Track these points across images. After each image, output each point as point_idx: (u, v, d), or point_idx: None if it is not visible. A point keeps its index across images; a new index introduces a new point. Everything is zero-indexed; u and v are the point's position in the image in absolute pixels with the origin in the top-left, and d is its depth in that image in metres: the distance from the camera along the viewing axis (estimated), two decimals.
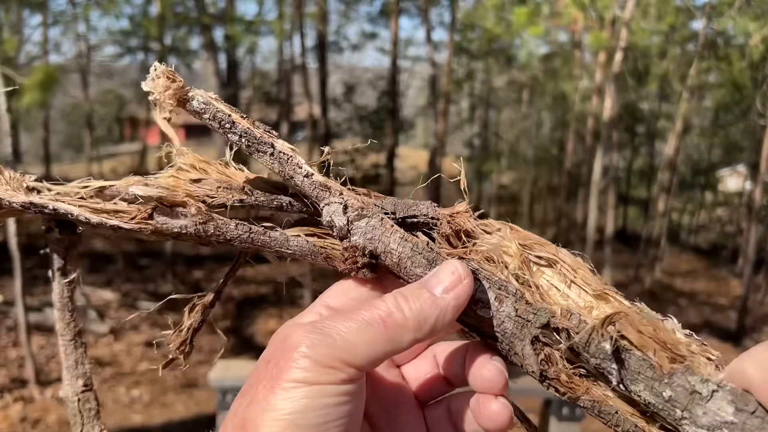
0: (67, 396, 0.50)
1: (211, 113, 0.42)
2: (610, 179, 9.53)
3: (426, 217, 0.42)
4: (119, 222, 0.43)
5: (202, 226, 0.42)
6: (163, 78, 0.41)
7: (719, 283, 11.90)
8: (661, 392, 0.32)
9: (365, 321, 0.36)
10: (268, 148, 0.42)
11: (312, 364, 0.35)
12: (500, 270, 0.39)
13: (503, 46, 11.08)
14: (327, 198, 0.41)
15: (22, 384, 5.11)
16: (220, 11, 11.58)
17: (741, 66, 8.28)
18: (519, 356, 0.38)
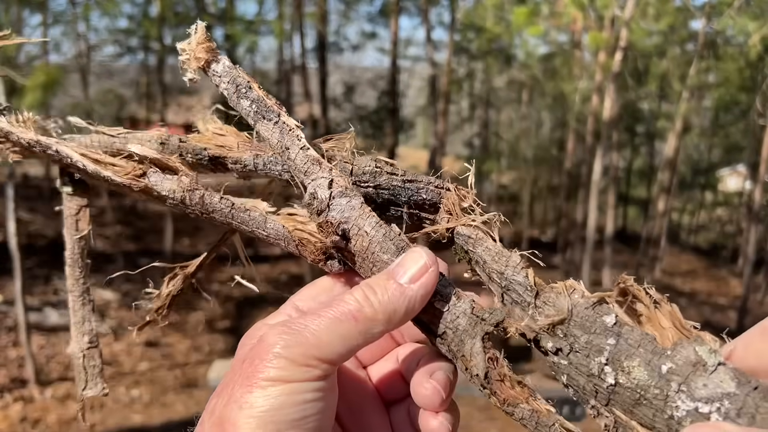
0: (74, 352, 0.52)
1: (232, 77, 0.44)
2: (610, 179, 9.54)
3: (430, 185, 0.43)
4: (112, 174, 0.45)
5: (189, 194, 0.44)
6: (202, 34, 0.44)
7: (719, 283, 11.90)
8: (659, 365, 0.32)
9: (336, 317, 0.37)
10: (275, 117, 0.43)
11: (287, 362, 0.35)
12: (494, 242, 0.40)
13: (503, 45, 11.08)
14: (316, 173, 0.42)
15: (22, 384, 5.11)
16: (220, 11, 11.58)
17: (740, 65, 8.28)
18: (465, 358, 0.37)
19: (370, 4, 15.03)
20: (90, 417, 4.79)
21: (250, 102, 0.44)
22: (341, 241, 0.40)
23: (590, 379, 0.34)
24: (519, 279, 0.38)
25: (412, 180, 0.43)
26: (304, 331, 0.36)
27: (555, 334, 0.35)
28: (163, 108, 9.14)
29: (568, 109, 11.12)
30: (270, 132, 0.44)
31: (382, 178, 0.44)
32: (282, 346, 0.36)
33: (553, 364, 0.36)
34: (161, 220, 9.01)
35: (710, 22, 8.06)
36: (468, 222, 0.41)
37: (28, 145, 0.46)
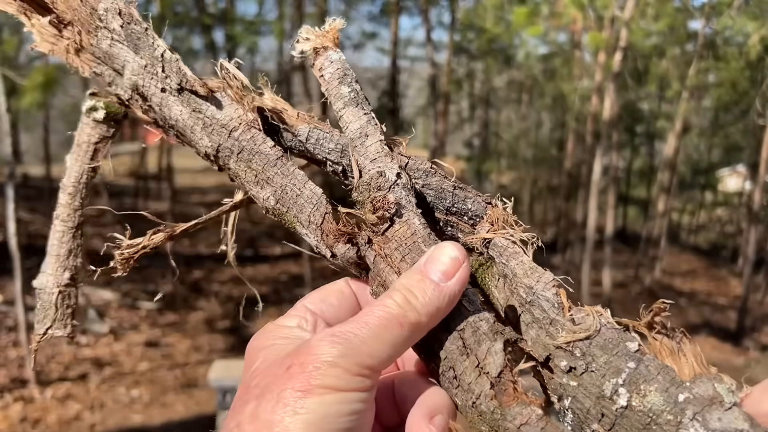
0: (45, 286, 0.49)
1: (343, 64, 0.46)
2: (610, 179, 9.54)
3: (480, 198, 0.44)
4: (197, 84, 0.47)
5: (244, 126, 0.46)
6: (339, 26, 0.47)
7: (719, 283, 11.90)
8: (677, 394, 0.32)
9: (382, 324, 0.37)
10: (368, 108, 0.45)
11: (343, 371, 0.35)
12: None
13: (503, 46, 11.09)
14: (386, 162, 0.43)
15: (22, 384, 5.11)
16: (220, 11, 11.59)
17: (740, 65, 8.29)
18: (480, 356, 0.37)
19: (371, 4, 15.04)
20: (90, 417, 4.79)
21: (351, 89, 0.45)
22: (389, 219, 0.41)
23: (599, 401, 0.34)
24: (548, 295, 0.38)
25: (462, 188, 0.44)
26: (355, 340, 0.36)
27: (572, 353, 0.36)
28: None
29: (567, 109, 11.13)
30: (357, 117, 0.45)
31: (434, 179, 0.45)
32: (336, 356, 0.35)
33: (559, 386, 0.36)
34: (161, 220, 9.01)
35: (710, 22, 8.06)
36: (507, 235, 0.41)
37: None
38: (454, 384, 0.38)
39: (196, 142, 0.46)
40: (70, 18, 0.49)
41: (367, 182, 0.42)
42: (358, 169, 0.44)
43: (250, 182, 0.45)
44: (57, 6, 0.49)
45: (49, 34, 0.49)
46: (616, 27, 6.95)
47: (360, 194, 0.42)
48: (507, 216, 0.43)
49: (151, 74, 0.46)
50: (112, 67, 0.48)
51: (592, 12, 6.83)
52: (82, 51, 0.49)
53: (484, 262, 0.42)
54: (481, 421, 0.37)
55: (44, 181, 11.26)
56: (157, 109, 0.47)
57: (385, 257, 0.41)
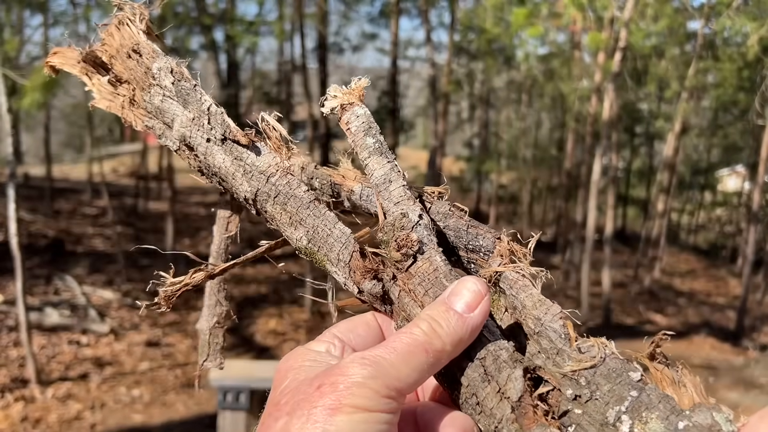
0: (202, 328, 0.58)
1: (368, 118, 0.50)
2: (610, 179, 9.55)
3: (489, 234, 0.47)
4: (234, 129, 0.52)
5: (281, 172, 0.49)
6: (364, 85, 0.52)
7: (718, 283, 11.91)
8: (677, 422, 0.33)
9: (408, 350, 0.39)
10: (391, 157, 0.50)
11: (372, 392, 0.37)
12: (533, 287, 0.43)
13: (502, 46, 11.09)
14: (409, 205, 0.47)
15: (23, 384, 5.12)
16: (220, 12, 11.59)
17: (739, 65, 8.30)
18: (500, 382, 0.39)
19: (371, 5, 15.05)
20: (91, 416, 4.80)
21: (375, 140, 0.49)
22: (412, 256, 0.44)
23: (602, 428, 0.35)
24: (555, 327, 0.40)
25: (474, 226, 0.47)
26: (383, 363, 0.38)
27: (578, 381, 0.37)
28: None
29: (567, 109, 11.14)
30: (381, 166, 0.48)
31: (451, 221, 0.48)
32: (366, 377, 0.37)
33: (563, 413, 0.37)
34: (162, 221, 9.03)
35: (709, 22, 8.07)
36: (517, 269, 0.44)
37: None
38: (477, 410, 0.40)
39: (237, 187, 0.50)
40: (127, 77, 0.54)
41: (391, 223, 0.45)
42: (383, 212, 0.47)
43: (285, 223, 0.49)
44: (115, 66, 0.54)
45: (106, 92, 0.54)
46: (615, 27, 6.96)
47: (385, 234, 0.45)
48: (515, 248, 0.45)
49: (198, 126, 0.50)
50: (162, 121, 0.53)
51: (592, 12, 6.84)
52: (136, 106, 0.54)
53: (493, 294, 0.44)
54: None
55: (45, 181, 11.26)
56: (202, 158, 0.51)
57: (409, 292, 0.44)
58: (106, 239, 9.36)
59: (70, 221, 10.24)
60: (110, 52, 0.54)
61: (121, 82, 0.54)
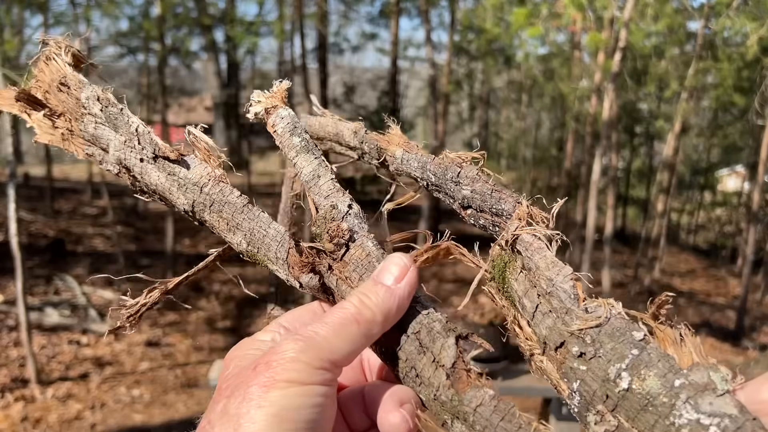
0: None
1: (293, 119, 0.53)
2: (609, 179, 9.55)
3: (503, 211, 0.49)
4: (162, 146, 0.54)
5: (212, 181, 0.51)
6: (285, 88, 0.55)
7: (718, 283, 11.92)
8: (673, 380, 0.34)
9: (340, 322, 0.41)
10: (318, 154, 0.52)
11: (304, 365, 0.38)
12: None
13: (502, 46, 11.10)
14: (338, 197, 0.49)
15: (23, 383, 5.12)
16: (220, 12, 11.60)
17: (738, 65, 8.30)
18: (435, 352, 0.42)
19: (371, 5, 15.05)
20: (91, 416, 4.80)
21: (301, 139, 0.52)
22: (344, 245, 0.46)
23: (604, 384, 0.36)
24: (566, 287, 0.41)
25: (498, 190, 0.49)
26: (316, 337, 0.39)
27: (584, 340, 0.38)
28: (163, 109, 9.15)
29: (567, 109, 11.14)
30: (309, 163, 0.51)
31: (478, 185, 0.50)
32: (298, 351, 0.38)
33: (570, 369, 0.39)
34: (162, 221, 9.03)
35: (708, 22, 8.08)
36: (533, 232, 0.45)
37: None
38: (417, 382, 0.42)
39: (174, 201, 0.52)
40: (61, 109, 0.56)
41: (322, 216, 0.48)
42: (315, 207, 0.49)
43: (223, 230, 0.51)
44: (50, 101, 0.56)
45: (46, 127, 0.56)
46: (615, 27, 6.96)
47: (317, 227, 0.48)
48: (534, 213, 0.47)
49: (130, 148, 0.52)
50: (100, 147, 0.55)
51: (592, 13, 6.84)
52: (74, 136, 0.56)
53: (511, 257, 0.46)
54: (443, 411, 0.41)
55: (45, 181, 11.26)
56: (139, 177, 0.52)
57: (345, 279, 0.46)
58: (106, 239, 9.37)
59: (70, 221, 10.24)
60: (44, 87, 0.56)
61: (57, 115, 0.56)
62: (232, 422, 0.36)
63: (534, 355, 0.41)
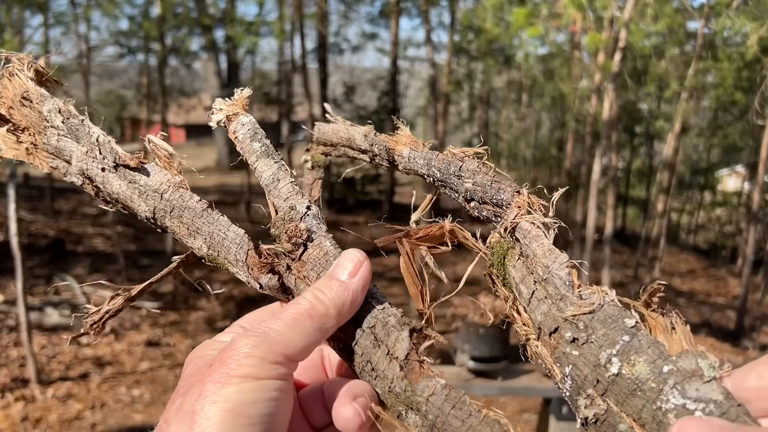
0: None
1: (253, 125, 0.54)
2: (610, 179, 9.55)
3: (503, 201, 0.49)
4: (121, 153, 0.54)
5: (173, 188, 0.52)
6: (246, 95, 0.56)
7: (718, 283, 11.92)
8: (662, 366, 0.35)
9: (294, 317, 0.41)
10: (278, 158, 0.53)
11: (258, 360, 0.38)
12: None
13: (502, 46, 11.10)
14: (297, 199, 0.50)
15: (23, 383, 5.13)
16: (220, 12, 11.60)
17: (738, 65, 8.30)
18: (390, 344, 0.43)
19: (371, 5, 15.06)
20: (91, 416, 4.80)
21: (261, 144, 0.53)
22: (302, 245, 0.47)
23: (595, 369, 0.37)
24: (561, 274, 0.42)
25: (497, 181, 0.50)
26: (270, 333, 0.40)
27: (577, 325, 0.39)
28: (163, 109, 9.15)
29: (567, 109, 11.14)
30: (269, 167, 0.52)
31: (479, 177, 0.51)
32: (252, 346, 0.39)
33: (563, 354, 0.39)
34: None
35: (708, 22, 8.08)
36: (531, 219, 0.46)
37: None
38: (372, 375, 0.43)
39: (136, 209, 0.52)
40: (25, 123, 0.56)
41: (281, 217, 0.49)
42: (274, 209, 0.50)
43: (184, 235, 0.51)
44: (14, 116, 0.57)
45: (11, 142, 0.56)
46: (615, 28, 6.96)
47: (276, 229, 0.49)
48: (533, 201, 0.47)
49: (92, 158, 0.53)
50: (63, 159, 0.55)
51: (592, 13, 6.84)
52: (39, 150, 0.56)
53: (510, 244, 0.46)
54: (398, 402, 0.42)
55: (45, 181, 11.26)
56: (101, 187, 0.53)
57: (303, 278, 0.47)
58: (106, 239, 9.37)
59: (71, 221, 10.25)
60: (8, 103, 0.57)
61: (21, 130, 0.57)
62: (187, 419, 0.37)
63: (530, 340, 0.42)
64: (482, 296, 3.67)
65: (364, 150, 0.61)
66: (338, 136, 0.65)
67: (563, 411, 3.52)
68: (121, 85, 19.41)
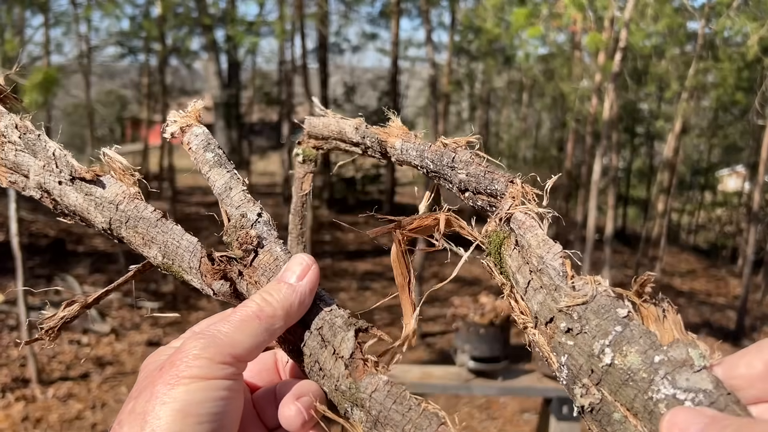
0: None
1: (207, 136, 0.56)
2: (610, 179, 9.55)
3: (497, 191, 0.49)
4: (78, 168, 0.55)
5: (127, 199, 0.53)
6: (200, 107, 0.57)
7: (718, 283, 11.92)
8: (653, 356, 0.35)
9: (242, 319, 0.43)
10: (230, 167, 0.54)
11: (206, 361, 0.40)
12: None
13: (503, 46, 11.10)
14: (248, 207, 0.51)
15: (24, 383, 5.13)
16: (221, 12, 11.60)
17: (738, 65, 8.29)
18: (336, 345, 0.44)
19: (371, 5, 15.05)
20: (92, 416, 4.81)
21: (214, 154, 0.54)
22: (253, 251, 0.48)
23: (589, 359, 0.38)
24: (555, 265, 0.42)
25: (491, 172, 0.50)
26: (218, 335, 0.41)
27: (571, 316, 0.39)
28: (164, 109, 9.16)
29: (567, 109, 11.14)
30: (221, 176, 0.53)
31: (472, 168, 0.51)
32: (200, 348, 0.40)
33: (558, 344, 0.40)
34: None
35: (709, 23, 8.08)
36: (526, 210, 0.46)
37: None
38: (320, 375, 0.45)
39: (93, 220, 0.54)
40: None
41: (233, 225, 0.50)
42: (227, 217, 0.52)
43: (140, 245, 0.53)
44: None
45: None
46: (615, 28, 6.96)
47: (228, 236, 0.50)
48: (527, 191, 0.48)
49: (48, 172, 0.54)
50: (22, 174, 0.56)
51: (592, 13, 6.84)
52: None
53: (506, 233, 0.47)
54: (344, 400, 0.43)
55: None
56: (59, 200, 0.54)
57: (255, 284, 0.48)
58: (106, 239, 9.36)
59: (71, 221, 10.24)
60: None
61: None
62: (139, 420, 0.38)
63: (527, 328, 0.43)
64: (482, 296, 3.67)
65: (356, 143, 0.62)
66: (329, 129, 0.66)
67: (563, 411, 3.52)
68: (121, 85, 19.42)
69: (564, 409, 3.53)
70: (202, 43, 13.81)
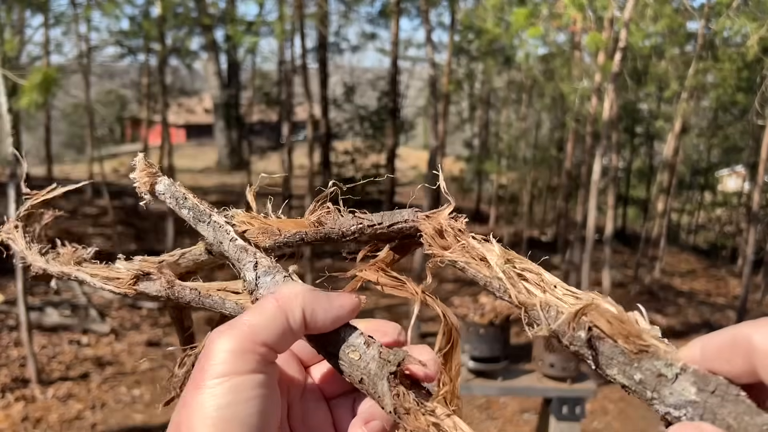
0: None
1: (171, 192, 0.53)
2: (610, 179, 9.55)
3: (407, 222, 0.45)
4: (114, 287, 0.54)
5: (169, 291, 0.52)
6: (142, 163, 0.55)
7: (718, 283, 11.92)
8: (633, 375, 0.33)
9: (260, 305, 0.40)
10: (207, 218, 0.51)
11: (229, 354, 0.37)
12: (485, 267, 0.41)
13: (503, 46, 11.10)
14: (245, 259, 0.48)
15: (23, 383, 5.13)
16: (220, 12, 11.61)
17: (738, 66, 8.30)
18: (380, 398, 0.40)
19: (371, 5, 15.06)
20: (91, 416, 4.81)
21: (188, 210, 0.52)
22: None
23: None
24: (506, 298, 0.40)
25: (395, 223, 0.45)
26: (238, 323, 0.39)
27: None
28: (164, 108, 9.15)
29: (567, 109, 11.14)
30: (206, 231, 0.51)
31: (368, 231, 0.47)
32: (222, 341, 0.38)
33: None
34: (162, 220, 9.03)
35: (708, 23, 8.08)
36: (447, 255, 0.43)
37: (58, 275, 0.59)
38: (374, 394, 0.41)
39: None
40: None
41: (245, 287, 0.48)
42: (237, 270, 0.50)
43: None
44: None
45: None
46: (615, 28, 6.96)
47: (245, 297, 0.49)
48: (437, 226, 0.43)
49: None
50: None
51: (592, 13, 6.84)
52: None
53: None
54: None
55: (45, 181, 11.24)
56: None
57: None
58: (106, 239, 9.37)
59: (71, 221, 10.25)
60: None
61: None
62: (174, 430, 0.37)
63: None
64: (482, 296, 3.67)
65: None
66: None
67: (563, 411, 3.52)
68: (121, 85, 19.41)
69: (564, 409, 3.53)
70: (201, 43, 13.83)
